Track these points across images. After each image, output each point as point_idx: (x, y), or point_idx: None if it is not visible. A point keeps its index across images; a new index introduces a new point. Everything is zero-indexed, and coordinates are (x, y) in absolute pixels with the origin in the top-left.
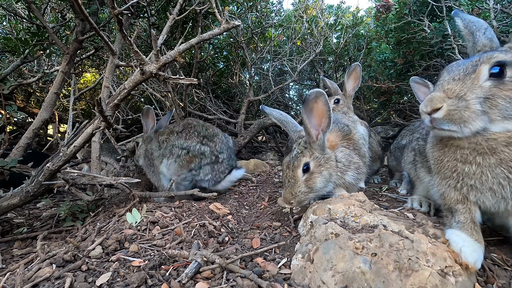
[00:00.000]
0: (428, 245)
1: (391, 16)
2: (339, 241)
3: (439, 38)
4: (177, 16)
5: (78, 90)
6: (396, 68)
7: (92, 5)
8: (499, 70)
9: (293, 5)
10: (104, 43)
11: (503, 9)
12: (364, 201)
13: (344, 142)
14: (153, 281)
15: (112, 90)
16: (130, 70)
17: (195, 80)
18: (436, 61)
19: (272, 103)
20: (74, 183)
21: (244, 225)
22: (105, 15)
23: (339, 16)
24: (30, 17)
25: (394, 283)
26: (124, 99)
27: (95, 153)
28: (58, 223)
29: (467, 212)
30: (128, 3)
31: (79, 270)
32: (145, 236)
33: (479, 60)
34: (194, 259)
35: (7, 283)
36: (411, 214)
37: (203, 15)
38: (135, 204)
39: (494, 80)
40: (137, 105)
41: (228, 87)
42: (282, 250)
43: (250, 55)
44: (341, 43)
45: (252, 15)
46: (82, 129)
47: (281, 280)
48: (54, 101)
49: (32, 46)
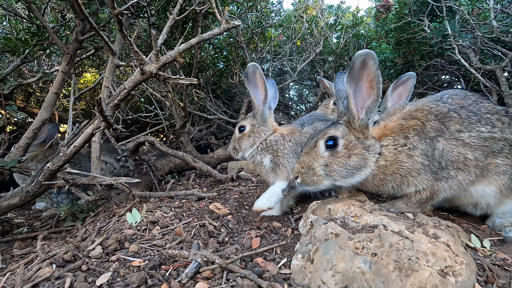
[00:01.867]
0: (428, 245)
1: (391, 16)
2: (339, 241)
3: (439, 38)
4: (177, 16)
5: (78, 90)
6: (396, 68)
7: (92, 5)
8: (333, 143)
9: (293, 5)
10: (104, 43)
11: (503, 9)
12: (364, 201)
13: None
14: (153, 281)
15: (112, 90)
16: (130, 70)
17: (195, 80)
18: (436, 61)
19: None
20: (74, 183)
21: (244, 225)
22: (105, 15)
23: (339, 16)
24: (30, 17)
25: (394, 283)
26: (124, 99)
27: (95, 153)
28: (58, 223)
29: None
30: (128, 3)
31: (79, 270)
32: (145, 236)
33: (317, 137)
34: (194, 259)
35: (7, 283)
36: (411, 214)
37: (203, 15)
38: (135, 204)
39: (330, 150)
40: (137, 105)
41: (228, 87)
42: (282, 250)
43: (250, 55)
44: (341, 43)
45: (252, 15)
46: (82, 129)
47: (281, 280)
48: (54, 101)
49: (32, 46)
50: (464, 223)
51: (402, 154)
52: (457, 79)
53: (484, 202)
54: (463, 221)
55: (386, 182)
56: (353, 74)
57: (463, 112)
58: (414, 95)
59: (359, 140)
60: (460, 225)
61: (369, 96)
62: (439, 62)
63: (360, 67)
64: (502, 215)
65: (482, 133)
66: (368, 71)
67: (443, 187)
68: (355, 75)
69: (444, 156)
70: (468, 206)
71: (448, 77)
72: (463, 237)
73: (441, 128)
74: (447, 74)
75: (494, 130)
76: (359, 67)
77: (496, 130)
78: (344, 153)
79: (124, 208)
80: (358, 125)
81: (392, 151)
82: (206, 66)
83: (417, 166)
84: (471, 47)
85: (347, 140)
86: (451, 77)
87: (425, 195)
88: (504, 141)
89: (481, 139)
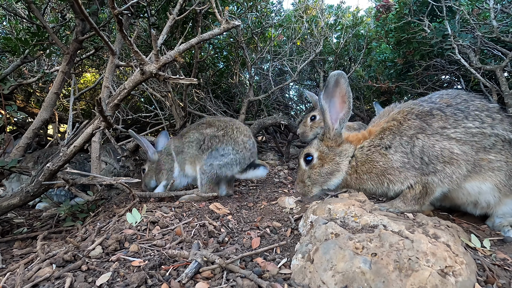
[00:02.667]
0: (428, 245)
1: (391, 16)
2: (339, 241)
3: (439, 38)
4: (177, 16)
5: (78, 90)
6: (396, 68)
7: (92, 5)
8: (310, 158)
9: (293, 5)
10: (104, 43)
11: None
12: (364, 201)
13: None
14: (153, 281)
15: (112, 90)
16: (130, 70)
17: (195, 80)
18: (436, 61)
19: (272, 103)
20: (74, 183)
21: (244, 225)
22: (105, 15)
23: (339, 16)
24: (30, 17)
25: (394, 283)
26: (124, 99)
27: (95, 153)
28: (58, 223)
29: None
30: (128, 3)
31: (79, 270)
32: (145, 236)
33: (300, 156)
34: (194, 259)
35: (7, 283)
36: (411, 214)
37: (203, 15)
38: (135, 204)
39: (308, 164)
40: (137, 105)
41: (228, 87)
42: (282, 250)
43: (250, 55)
44: (341, 43)
45: (252, 15)
46: (82, 129)
47: (281, 280)
48: (54, 101)
49: (32, 46)
50: (464, 223)
51: (375, 154)
52: (457, 79)
53: (484, 200)
54: (463, 221)
55: (363, 181)
56: (328, 92)
57: (449, 110)
58: (414, 95)
59: (330, 149)
60: (460, 225)
61: (341, 109)
62: (439, 62)
63: (333, 85)
64: (502, 215)
65: (470, 129)
66: (340, 88)
67: (433, 180)
68: (329, 92)
69: (425, 152)
70: (468, 205)
71: (448, 77)
72: (463, 237)
73: (421, 126)
74: (447, 74)
75: (484, 126)
76: (332, 86)
77: (485, 126)
78: (319, 164)
79: (124, 208)
80: (333, 134)
81: (364, 152)
82: (206, 66)
83: (394, 164)
84: (471, 47)
85: (320, 152)
86: (451, 77)
87: (418, 190)
88: (496, 137)
89: (468, 134)
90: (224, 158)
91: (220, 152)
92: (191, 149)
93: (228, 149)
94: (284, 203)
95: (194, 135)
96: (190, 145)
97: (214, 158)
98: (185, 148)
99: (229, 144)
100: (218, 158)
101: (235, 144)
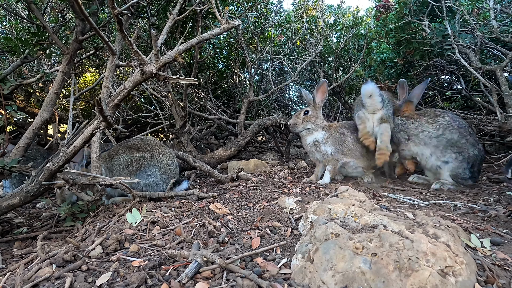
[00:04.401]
0: (428, 245)
1: (391, 16)
2: (339, 241)
3: (439, 38)
4: (177, 16)
5: (78, 90)
6: (396, 68)
7: (92, 5)
8: (307, 112)
9: (293, 5)
10: (104, 43)
11: (503, 9)
12: (364, 201)
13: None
14: (153, 281)
15: (112, 90)
16: (130, 70)
17: (195, 80)
18: (436, 61)
19: (272, 103)
20: (74, 183)
21: (244, 225)
22: (105, 15)
23: (339, 16)
24: (30, 17)
25: (394, 283)
26: (124, 99)
27: (95, 153)
28: (58, 223)
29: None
30: (128, 3)
31: (79, 270)
32: (145, 236)
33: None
34: (194, 259)
35: (7, 283)
36: (411, 214)
37: (203, 15)
38: (135, 204)
39: (305, 116)
40: (137, 105)
41: (228, 87)
42: (282, 250)
43: (250, 55)
44: (341, 43)
45: (252, 15)
46: (82, 129)
47: (281, 280)
48: (54, 101)
49: (32, 46)
50: (464, 223)
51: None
52: (457, 79)
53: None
54: (463, 221)
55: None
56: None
57: None
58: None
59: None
60: (460, 225)
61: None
62: (439, 62)
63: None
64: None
65: None
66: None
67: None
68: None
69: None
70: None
71: (448, 77)
72: (463, 237)
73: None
74: (447, 74)
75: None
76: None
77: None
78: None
79: (124, 208)
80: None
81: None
82: (206, 66)
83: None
84: (471, 47)
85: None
86: (451, 77)
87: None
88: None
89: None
90: (150, 178)
91: (147, 172)
92: (119, 171)
93: (154, 170)
94: (284, 203)
95: (123, 158)
96: (119, 167)
97: (141, 178)
98: (114, 171)
99: (155, 165)
100: (144, 178)
101: (161, 166)
